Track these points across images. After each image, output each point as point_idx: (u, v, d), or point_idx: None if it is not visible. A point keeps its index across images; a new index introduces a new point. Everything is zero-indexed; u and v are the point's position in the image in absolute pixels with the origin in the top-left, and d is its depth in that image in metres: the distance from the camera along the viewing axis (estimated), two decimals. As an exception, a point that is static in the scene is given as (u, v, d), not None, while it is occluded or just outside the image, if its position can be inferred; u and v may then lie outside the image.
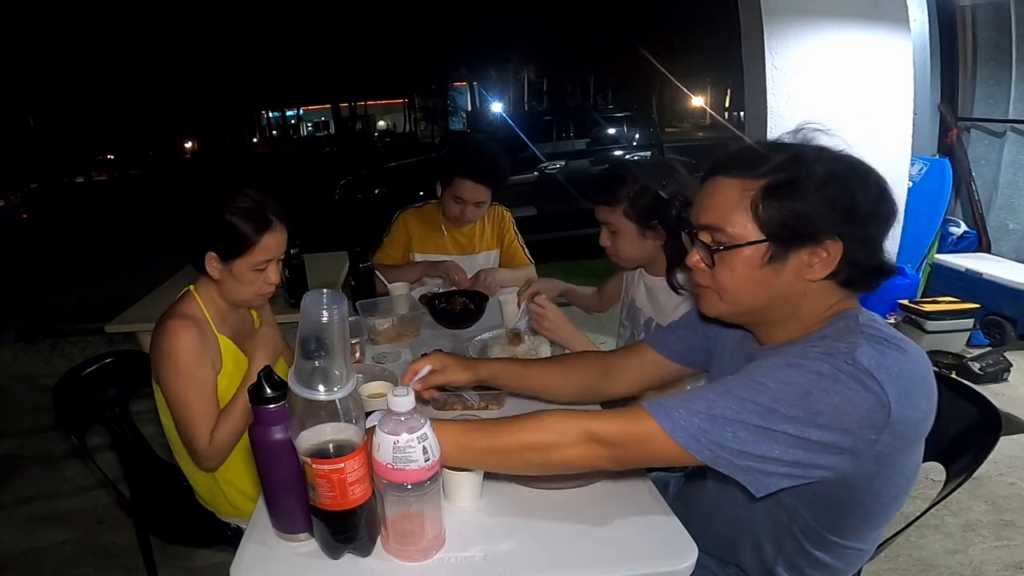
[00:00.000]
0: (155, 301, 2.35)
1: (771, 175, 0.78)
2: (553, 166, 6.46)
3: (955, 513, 1.98)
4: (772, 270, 0.80)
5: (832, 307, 0.83)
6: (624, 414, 0.80)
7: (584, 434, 0.80)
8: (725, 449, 0.73)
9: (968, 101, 4.06)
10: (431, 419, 0.81)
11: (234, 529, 1.38)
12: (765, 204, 0.77)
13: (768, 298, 0.82)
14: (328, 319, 0.74)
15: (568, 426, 0.81)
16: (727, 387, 0.76)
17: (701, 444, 0.74)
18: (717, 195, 0.83)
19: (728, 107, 30.47)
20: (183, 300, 1.29)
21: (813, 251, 0.78)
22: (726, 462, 0.74)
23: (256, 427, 0.82)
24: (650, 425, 0.76)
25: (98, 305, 4.24)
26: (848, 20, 2.82)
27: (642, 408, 0.78)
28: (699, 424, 0.74)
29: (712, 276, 0.84)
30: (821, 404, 0.70)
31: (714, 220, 0.82)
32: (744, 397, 0.73)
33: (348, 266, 2.06)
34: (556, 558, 0.84)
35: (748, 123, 3.11)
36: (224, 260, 1.23)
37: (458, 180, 2.00)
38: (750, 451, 0.73)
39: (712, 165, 0.85)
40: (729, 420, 0.73)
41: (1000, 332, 3.20)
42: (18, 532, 2.13)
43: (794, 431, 0.71)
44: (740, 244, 0.80)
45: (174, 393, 1.20)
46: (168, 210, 11.53)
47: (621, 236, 1.43)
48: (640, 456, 0.80)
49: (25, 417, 2.95)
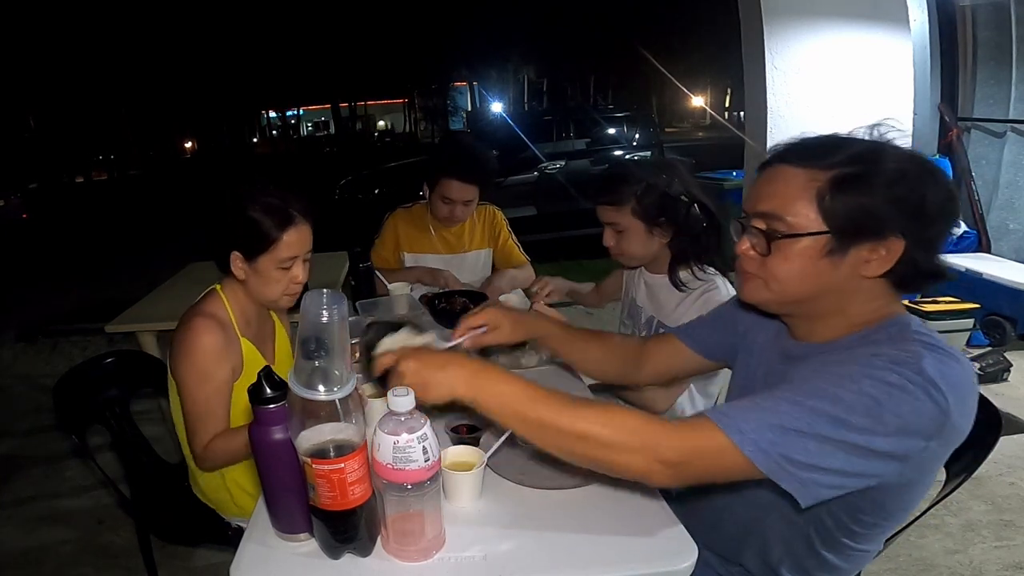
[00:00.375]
0: (155, 301, 2.36)
1: (841, 167, 0.76)
2: (553, 166, 6.46)
3: (955, 513, 1.98)
4: (830, 263, 0.78)
5: (879, 308, 0.81)
6: (691, 427, 0.75)
7: (646, 446, 0.75)
8: (792, 462, 0.71)
9: (968, 101, 4.06)
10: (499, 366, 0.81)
11: (234, 529, 1.38)
12: (832, 195, 0.75)
13: (818, 291, 0.80)
14: (328, 319, 0.74)
15: (635, 431, 0.75)
16: (796, 397, 0.73)
17: (770, 458, 0.71)
18: (779, 183, 0.80)
19: (728, 107, 30.50)
20: (209, 299, 1.28)
21: (874, 248, 0.76)
22: (788, 475, 0.71)
23: (256, 427, 0.82)
24: (719, 439, 0.72)
25: (98, 305, 4.24)
26: (848, 20, 2.82)
27: (710, 420, 0.74)
28: (770, 437, 0.71)
29: (763, 264, 0.82)
30: (890, 414, 0.69)
31: (774, 208, 0.79)
32: (815, 408, 0.71)
33: (348, 266, 2.06)
34: (556, 558, 0.84)
35: (748, 123, 3.11)
36: (248, 258, 1.23)
37: (444, 180, 2.00)
38: (815, 463, 0.70)
39: (774, 154, 0.83)
40: (800, 432, 0.70)
41: (1000, 332, 3.20)
42: (18, 532, 2.13)
43: (863, 442, 0.70)
44: (801, 234, 0.77)
45: (186, 389, 1.21)
46: (168, 210, 11.56)
47: (628, 235, 1.43)
48: (701, 472, 0.75)
49: (25, 417, 2.95)
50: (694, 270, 1.42)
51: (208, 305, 1.26)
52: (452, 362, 0.84)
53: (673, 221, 1.38)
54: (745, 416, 0.73)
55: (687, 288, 1.42)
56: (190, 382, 1.20)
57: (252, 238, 1.21)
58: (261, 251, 1.22)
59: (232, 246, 1.22)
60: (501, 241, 2.25)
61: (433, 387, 0.82)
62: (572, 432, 0.77)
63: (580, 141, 6.90)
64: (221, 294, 1.29)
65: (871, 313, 0.81)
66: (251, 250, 1.22)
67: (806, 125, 2.86)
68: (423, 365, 0.84)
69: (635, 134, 7.20)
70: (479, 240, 2.25)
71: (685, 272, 1.42)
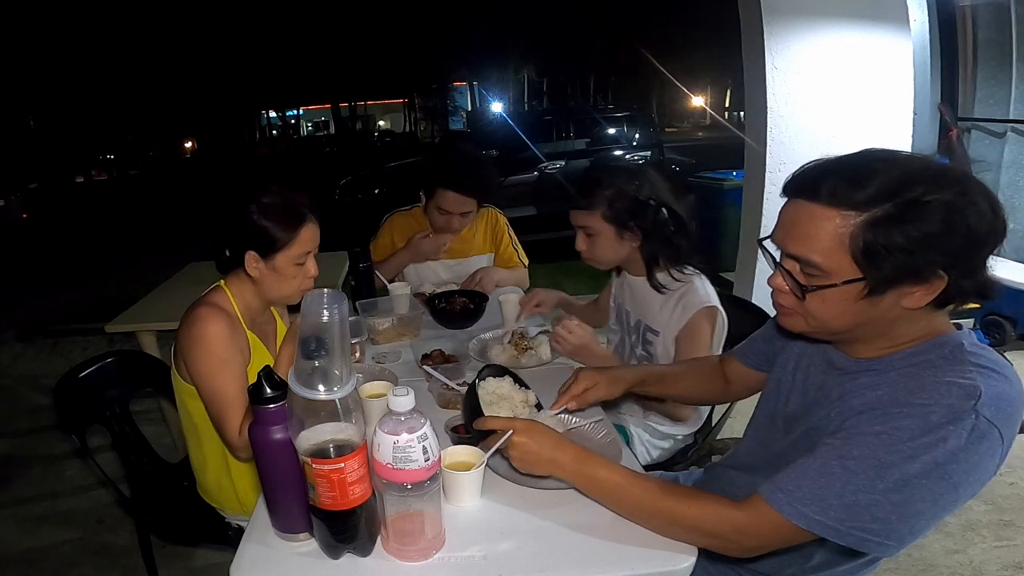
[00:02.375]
0: (155, 301, 2.36)
1: (872, 206, 0.70)
2: (553, 166, 6.46)
3: (955, 513, 1.97)
4: (868, 303, 0.75)
5: (925, 327, 0.79)
6: (758, 517, 0.77)
7: (725, 533, 0.80)
8: (866, 531, 0.71)
9: (968, 101, 4.06)
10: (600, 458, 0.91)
11: (235, 528, 1.38)
12: (867, 243, 0.71)
13: (860, 324, 0.79)
14: (328, 319, 0.74)
15: (715, 520, 0.80)
16: (852, 464, 0.72)
17: (842, 533, 0.72)
18: (808, 224, 0.75)
19: (728, 107, 30.50)
20: (214, 293, 1.29)
21: (915, 283, 0.73)
22: (862, 540, 0.72)
23: (256, 427, 0.82)
24: (785, 527, 0.75)
25: (98, 305, 4.25)
26: (848, 20, 2.82)
27: (774, 511, 0.75)
28: (835, 515, 0.72)
29: (799, 303, 0.80)
30: (956, 474, 0.69)
31: (805, 253, 0.75)
32: (873, 478, 0.70)
33: (348, 266, 2.06)
34: (556, 558, 0.84)
35: (748, 123, 3.11)
36: (265, 257, 1.24)
37: (441, 191, 1.98)
38: (890, 526, 0.71)
39: (800, 185, 0.77)
40: (864, 506, 0.70)
41: (1000, 332, 3.20)
42: (18, 532, 2.13)
43: (932, 499, 0.70)
44: (836, 284, 0.74)
45: (207, 381, 1.19)
46: (168, 210, 11.56)
47: (599, 239, 1.45)
48: (769, 549, 0.80)
49: (25, 417, 2.95)
50: (671, 272, 1.43)
51: (212, 298, 1.27)
52: (561, 447, 0.92)
53: (642, 226, 1.40)
54: (801, 493, 0.74)
55: (666, 290, 1.44)
56: (208, 372, 1.19)
57: (269, 237, 1.23)
58: (278, 249, 1.24)
59: (247, 246, 1.23)
60: (503, 246, 2.24)
61: (539, 466, 0.92)
62: (668, 519, 0.84)
63: (580, 141, 6.91)
64: (226, 290, 1.29)
65: (916, 332, 0.79)
66: (268, 249, 1.24)
67: (806, 125, 2.88)
68: (536, 445, 0.92)
69: (635, 134, 7.20)
70: (480, 245, 2.23)
71: (663, 274, 1.44)
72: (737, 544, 0.80)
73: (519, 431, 0.92)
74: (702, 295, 1.39)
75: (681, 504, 0.83)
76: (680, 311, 1.40)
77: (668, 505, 0.83)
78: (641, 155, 6.94)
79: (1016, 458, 2.25)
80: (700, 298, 1.38)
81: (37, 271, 6.98)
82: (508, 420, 0.96)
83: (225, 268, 1.30)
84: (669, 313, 1.43)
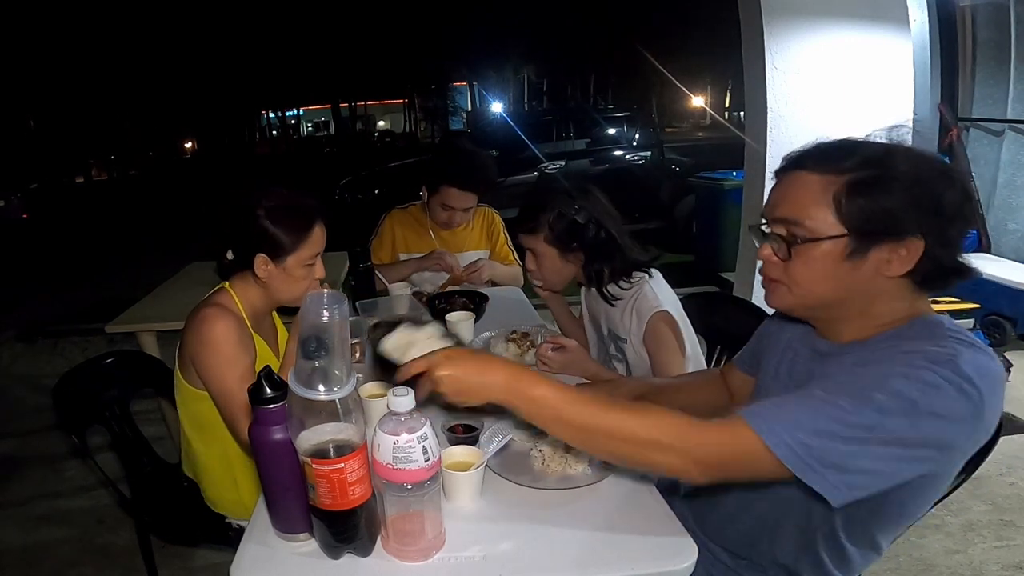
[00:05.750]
0: (155, 301, 2.35)
1: (857, 171, 0.77)
2: (553, 166, 6.46)
3: (955, 513, 1.98)
4: (851, 265, 0.79)
5: (906, 308, 0.82)
6: (725, 428, 0.76)
7: (687, 447, 0.76)
8: (824, 463, 0.71)
9: (968, 101, 4.06)
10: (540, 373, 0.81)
11: (235, 529, 1.38)
12: (849, 199, 0.77)
13: (843, 293, 0.81)
14: (328, 319, 0.74)
15: (671, 433, 0.77)
16: (829, 397, 0.73)
17: (803, 461, 0.71)
18: (797, 189, 0.81)
19: (728, 107, 30.49)
20: (219, 294, 1.29)
21: (893, 248, 0.77)
22: (819, 476, 0.71)
23: (256, 427, 0.82)
24: (751, 441, 0.73)
25: (98, 305, 4.25)
26: (848, 20, 2.82)
27: (744, 423, 0.75)
28: (803, 439, 0.71)
29: (785, 269, 0.83)
30: (927, 415, 0.69)
31: (792, 213, 0.81)
32: (848, 408, 0.71)
33: (348, 266, 2.06)
34: (556, 558, 0.84)
35: (748, 123, 3.11)
36: (275, 259, 1.24)
37: (445, 188, 2.03)
38: (848, 465, 0.70)
39: (790, 160, 0.84)
40: (834, 434, 0.70)
41: (1000, 332, 3.20)
42: (18, 532, 2.13)
43: (897, 442, 0.70)
44: (820, 238, 0.79)
45: (218, 382, 1.19)
46: (168, 210, 11.56)
47: (544, 261, 1.46)
48: (735, 472, 0.77)
49: (25, 417, 2.95)
50: (619, 284, 1.44)
51: (218, 299, 1.27)
52: (489, 367, 0.83)
53: (583, 247, 1.42)
54: (777, 415, 0.74)
55: (617, 301, 1.46)
56: (218, 371, 1.19)
57: (281, 240, 1.23)
58: (290, 251, 1.24)
59: (257, 249, 1.23)
60: (498, 245, 2.29)
61: (472, 394, 0.83)
62: (616, 435, 0.79)
63: (580, 141, 6.91)
64: (231, 291, 1.29)
65: (898, 312, 0.82)
66: (279, 252, 1.24)
67: (806, 125, 2.87)
68: (461, 371, 0.82)
69: (635, 134, 7.20)
70: (476, 241, 2.28)
71: (612, 286, 1.45)
72: (693, 458, 0.76)
73: (439, 364, 0.83)
74: (651, 300, 1.40)
75: (633, 416, 0.78)
76: (635, 318, 1.42)
77: (617, 419, 0.78)
78: (641, 155, 6.94)
79: (1016, 458, 2.26)
80: (650, 303, 1.39)
81: (37, 271, 6.98)
82: (427, 357, 0.85)
83: (228, 271, 1.29)
84: (628, 321, 1.44)
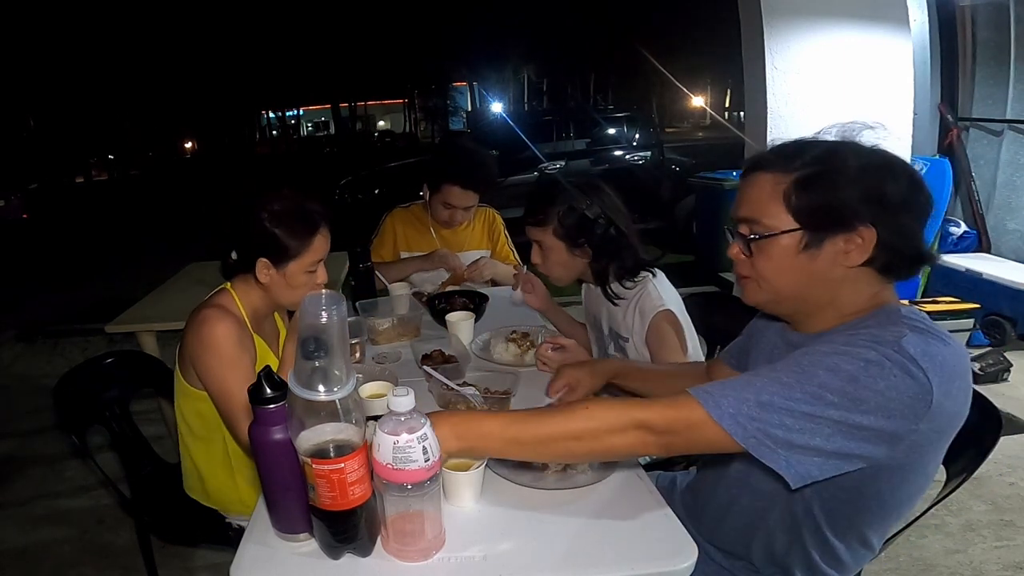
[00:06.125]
0: (155, 301, 2.36)
1: (803, 168, 0.82)
2: (553, 166, 6.45)
3: (955, 513, 1.98)
4: (808, 256, 0.83)
5: (872, 298, 0.85)
6: (672, 402, 0.80)
7: (632, 421, 0.80)
8: (770, 437, 0.73)
9: (967, 101, 4.06)
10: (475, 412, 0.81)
11: (235, 529, 1.38)
12: (797, 195, 0.82)
13: (806, 284, 0.85)
14: (328, 319, 0.74)
15: (614, 414, 0.81)
16: (775, 374, 0.77)
17: (747, 431, 0.74)
18: (754, 189, 0.87)
19: (728, 107, 30.51)
20: (220, 295, 1.29)
21: (848, 238, 0.80)
22: (769, 451, 0.73)
23: (256, 427, 0.82)
24: (698, 412, 0.76)
25: (98, 305, 4.25)
26: (848, 20, 2.82)
27: (689, 395, 0.78)
28: (747, 411, 0.74)
29: (752, 265, 0.88)
30: (867, 391, 0.71)
31: (751, 212, 0.86)
32: (791, 383, 0.74)
33: (348, 266, 2.06)
34: (556, 558, 0.84)
35: (748, 123, 3.11)
36: (277, 265, 1.23)
37: (446, 186, 2.03)
38: (794, 440, 0.73)
39: (751, 162, 0.89)
40: (776, 407, 0.73)
41: (1000, 332, 3.20)
42: (18, 532, 2.13)
43: (840, 418, 0.72)
44: (775, 233, 0.84)
45: (218, 384, 1.19)
46: (168, 210, 11.56)
47: (551, 255, 1.46)
48: (688, 443, 0.80)
49: (25, 417, 2.95)
50: (623, 283, 1.45)
51: (219, 300, 1.27)
52: (436, 425, 0.81)
53: (591, 243, 1.42)
54: (724, 392, 0.77)
55: (621, 300, 1.46)
56: (218, 373, 1.18)
57: (282, 246, 1.22)
58: (292, 258, 1.23)
59: (259, 253, 1.22)
60: (499, 246, 2.30)
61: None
62: (563, 435, 0.82)
63: (580, 141, 6.90)
64: (232, 292, 1.29)
65: (863, 303, 0.85)
66: (281, 257, 1.23)
67: (806, 125, 2.87)
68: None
69: (635, 134, 7.19)
70: (477, 240, 2.28)
71: (615, 285, 1.45)
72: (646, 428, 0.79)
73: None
74: (655, 299, 1.40)
75: (576, 414, 0.82)
76: (638, 317, 1.42)
77: (563, 422, 0.82)
78: (641, 155, 6.94)
79: (1016, 458, 2.26)
80: (653, 303, 1.39)
81: (37, 271, 6.98)
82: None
83: (231, 272, 1.29)
84: (631, 320, 1.44)
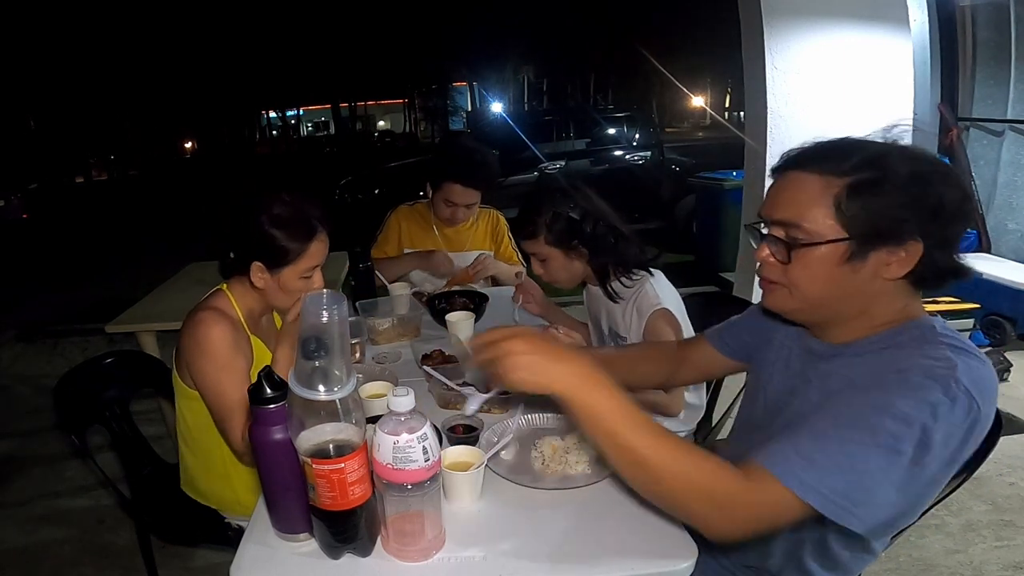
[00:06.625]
0: (155, 301, 2.36)
1: (856, 172, 0.75)
2: (553, 166, 6.46)
3: (955, 513, 1.98)
4: (850, 268, 0.77)
5: (901, 310, 0.81)
6: (753, 481, 0.72)
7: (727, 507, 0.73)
8: (853, 502, 0.70)
9: (968, 101, 4.06)
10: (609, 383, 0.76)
11: (235, 529, 1.38)
12: (850, 201, 0.75)
13: (841, 296, 0.80)
14: (328, 319, 0.74)
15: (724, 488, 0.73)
16: (845, 434, 0.71)
17: (837, 505, 0.69)
18: (795, 190, 0.80)
19: (728, 107, 30.52)
20: (216, 297, 1.28)
21: (892, 251, 0.76)
22: (849, 514, 0.70)
23: (256, 427, 0.82)
24: (780, 492, 0.70)
25: (98, 305, 4.24)
26: (848, 20, 2.82)
27: (770, 475, 0.71)
28: (831, 484, 0.69)
29: (784, 272, 0.82)
30: (937, 436, 0.69)
31: (791, 216, 0.79)
32: (869, 443, 0.69)
33: (348, 266, 2.07)
34: (556, 558, 0.84)
35: (748, 123, 3.11)
36: (271, 269, 1.23)
37: (448, 184, 2.04)
38: (873, 500, 0.70)
39: (787, 159, 0.83)
40: (858, 472, 0.69)
41: (1000, 332, 3.20)
42: (18, 531, 2.13)
43: (916, 470, 0.70)
44: (820, 242, 0.77)
45: (212, 386, 1.18)
46: (168, 210, 11.56)
47: (550, 263, 1.47)
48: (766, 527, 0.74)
49: (25, 417, 2.95)
50: (622, 280, 1.45)
51: (214, 302, 1.26)
52: (563, 357, 0.77)
53: (585, 242, 1.42)
54: (801, 462, 0.71)
55: (620, 298, 1.47)
56: (212, 376, 1.18)
57: (277, 251, 1.21)
58: (286, 263, 1.22)
59: (254, 257, 1.22)
60: (502, 247, 2.30)
61: (538, 376, 0.76)
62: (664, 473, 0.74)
63: (580, 141, 6.91)
64: (228, 293, 1.29)
65: (893, 315, 0.81)
66: (275, 262, 1.22)
67: (806, 125, 2.88)
68: (540, 352, 0.77)
69: (635, 134, 7.20)
70: (481, 240, 2.28)
71: (615, 283, 1.46)
72: (731, 518, 0.73)
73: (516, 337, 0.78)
74: (652, 298, 1.41)
75: (690, 458, 0.73)
76: (636, 316, 1.43)
77: (671, 458, 0.73)
78: (641, 155, 6.94)
79: (1016, 458, 2.25)
80: (651, 301, 1.40)
81: (37, 271, 6.97)
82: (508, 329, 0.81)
83: (229, 272, 1.29)
84: (629, 319, 1.45)
